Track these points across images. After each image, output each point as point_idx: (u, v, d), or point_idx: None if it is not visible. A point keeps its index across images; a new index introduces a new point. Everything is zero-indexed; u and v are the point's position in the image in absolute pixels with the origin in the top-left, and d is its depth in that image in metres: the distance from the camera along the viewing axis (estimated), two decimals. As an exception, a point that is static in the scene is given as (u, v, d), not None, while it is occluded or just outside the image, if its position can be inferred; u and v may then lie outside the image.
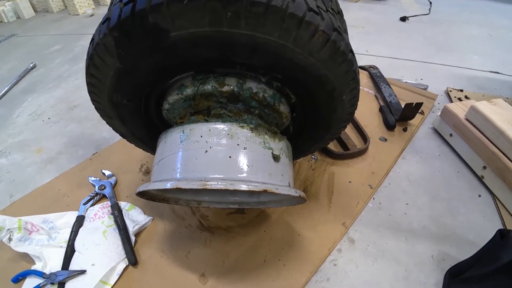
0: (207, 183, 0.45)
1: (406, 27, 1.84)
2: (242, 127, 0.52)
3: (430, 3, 2.14)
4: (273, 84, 0.56)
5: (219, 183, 0.45)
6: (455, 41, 1.68)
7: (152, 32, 0.44)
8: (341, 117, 0.61)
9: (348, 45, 0.49)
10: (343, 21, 0.59)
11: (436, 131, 1.06)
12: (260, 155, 0.52)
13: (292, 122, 0.67)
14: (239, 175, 0.49)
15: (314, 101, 0.56)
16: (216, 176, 0.48)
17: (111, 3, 0.57)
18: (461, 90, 1.25)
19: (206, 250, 0.72)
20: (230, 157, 0.50)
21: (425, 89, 1.25)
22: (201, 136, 0.51)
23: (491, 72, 1.41)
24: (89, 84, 0.56)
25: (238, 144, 0.51)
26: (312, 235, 0.74)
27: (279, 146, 0.56)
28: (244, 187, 0.45)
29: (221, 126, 0.52)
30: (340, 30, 0.48)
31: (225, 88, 0.54)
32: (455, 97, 1.21)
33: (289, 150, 0.60)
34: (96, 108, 0.63)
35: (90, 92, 0.58)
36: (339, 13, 0.58)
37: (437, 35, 1.73)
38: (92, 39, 0.50)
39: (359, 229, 0.77)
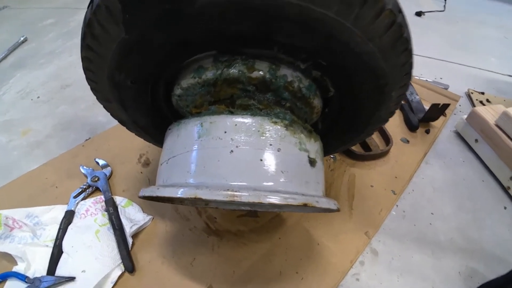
0: (235, 193, 0.35)
1: (422, 22, 1.76)
2: (275, 123, 0.43)
3: (445, 0, 2.05)
4: (311, 73, 0.47)
5: (250, 194, 0.36)
6: (471, 41, 1.60)
7: None
8: (383, 117, 0.52)
9: (409, 32, 0.41)
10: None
11: (459, 135, 0.99)
12: (296, 159, 0.43)
13: (322, 118, 0.58)
14: (271, 183, 0.40)
15: (357, 96, 0.47)
16: (244, 184, 0.39)
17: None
18: (482, 93, 1.18)
19: (213, 257, 0.64)
20: (261, 160, 0.40)
21: (446, 89, 1.17)
22: (225, 132, 0.42)
23: (510, 76, 1.35)
24: (84, 59, 0.45)
25: (270, 144, 0.41)
26: (332, 245, 0.67)
27: (315, 147, 0.47)
28: (279, 199, 0.36)
29: (249, 120, 0.42)
30: (403, 12, 0.39)
31: (255, 74, 0.44)
32: (476, 99, 1.14)
33: (323, 152, 0.52)
34: (92, 89, 0.52)
35: (85, 69, 0.47)
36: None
37: (453, 34, 1.66)
38: (91, 1, 0.39)
39: (383, 240, 0.70)
